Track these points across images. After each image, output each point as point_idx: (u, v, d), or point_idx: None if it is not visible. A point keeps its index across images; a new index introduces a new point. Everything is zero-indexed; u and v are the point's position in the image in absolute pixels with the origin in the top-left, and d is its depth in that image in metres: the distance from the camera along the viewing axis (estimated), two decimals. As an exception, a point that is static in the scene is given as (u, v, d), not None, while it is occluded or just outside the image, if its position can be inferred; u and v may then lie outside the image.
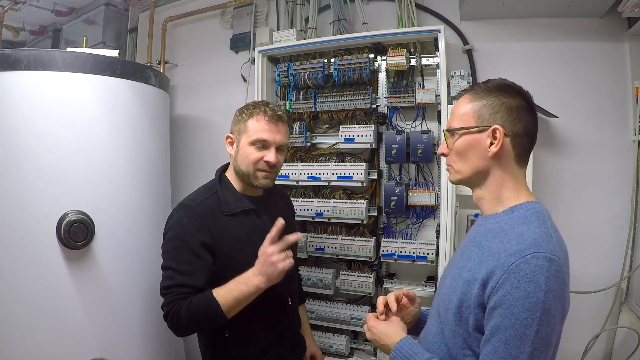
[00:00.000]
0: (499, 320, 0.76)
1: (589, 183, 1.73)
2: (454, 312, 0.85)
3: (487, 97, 0.91)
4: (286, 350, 1.38)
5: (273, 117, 1.28)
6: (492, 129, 0.88)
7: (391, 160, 1.77)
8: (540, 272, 0.75)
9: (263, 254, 1.18)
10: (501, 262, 0.79)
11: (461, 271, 0.89)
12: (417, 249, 1.72)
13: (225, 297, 1.16)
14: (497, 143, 0.87)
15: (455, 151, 0.93)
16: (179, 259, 1.20)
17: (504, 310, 0.75)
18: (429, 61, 1.77)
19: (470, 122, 0.90)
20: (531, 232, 0.81)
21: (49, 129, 1.48)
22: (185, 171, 2.39)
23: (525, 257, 0.76)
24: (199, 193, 1.32)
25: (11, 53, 1.46)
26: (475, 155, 0.90)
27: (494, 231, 0.88)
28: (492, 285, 0.78)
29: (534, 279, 0.74)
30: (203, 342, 1.35)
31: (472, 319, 0.82)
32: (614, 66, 1.69)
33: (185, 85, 2.48)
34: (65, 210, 1.47)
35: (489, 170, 0.91)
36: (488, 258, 0.83)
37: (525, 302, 0.74)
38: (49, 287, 1.47)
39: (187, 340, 2.03)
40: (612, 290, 1.65)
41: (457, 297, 0.85)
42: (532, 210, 0.87)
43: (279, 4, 2.22)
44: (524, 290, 0.74)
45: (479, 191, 0.94)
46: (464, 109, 0.92)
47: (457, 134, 0.92)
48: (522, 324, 0.74)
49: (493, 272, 0.79)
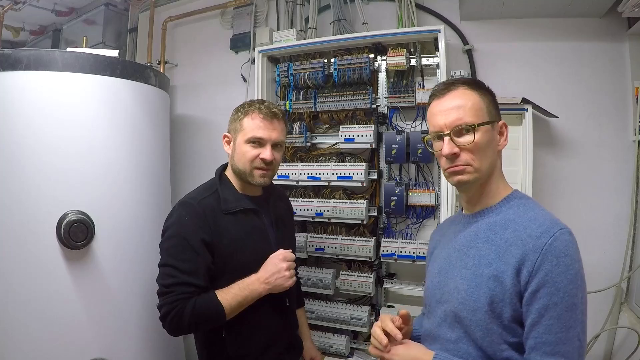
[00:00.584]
0: (546, 300, 0.78)
1: (589, 183, 1.73)
2: (486, 311, 0.84)
3: (491, 93, 0.94)
4: (282, 351, 1.38)
5: (268, 115, 1.29)
6: (502, 123, 0.93)
7: (391, 160, 1.77)
8: (570, 245, 0.81)
9: (275, 265, 1.24)
10: (530, 247, 0.82)
11: (476, 269, 0.88)
12: (417, 249, 1.72)
13: (230, 302, 1.19)
14: (506, 137, 0.93)
15: (478, 147, 0.89)
16: (179, 256, 1.20)
17: (549, 289, 0.78)
18: (429, 61, 1.76)
19: (485, 117, 0.91)
20: (542, 215, 0.87)
21: (49, 129, 1.48)
22: (185, 171, 2.40)
23: (555, 235, 0.81)
24: (199, 191, 1.33)
25: (11, 53, 1.46)
26: (491, 150, 0.92)
27: (500, 223, 0.90)
28: (529, 270, 0.80)
29: (568, 253, 0.80)
30: (200, 341, 1.35)
31: (509, 310, 0.83)
32: (614, 66, 1.69)
33: (185, 85, 2.48)
34: (65, 210, 1.47)
35: (495, 164, 0.94)
36: (510, 248, 0.85)
37: (568, 275, 0.79)
38: (49, 287, 1.46)
39: (186, 340, 2.02)
40: (612, 290, 1.65)
41: (485, 295, 0.85)
42: (524, 197, 0.94)
43: (279, 4, 2.22)
44: (564, 265, 0.79)
45: (485, 187, 0.94)
46: (477, 102, 0.90)
47: (479, 129, 0.89)
48: (570, 294, 0.78)
49: (524, 258, 0.82)
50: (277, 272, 1.24)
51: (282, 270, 1.24)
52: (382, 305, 1.87)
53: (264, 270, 1.25)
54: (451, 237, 1.02)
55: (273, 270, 1.24)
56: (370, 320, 1.81)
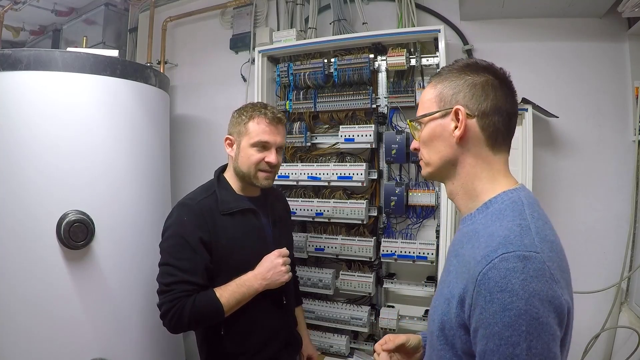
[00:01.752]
0: (483, 345, 0.64)
1: (589, 183, 1.72)
2: (437, 335, 0.76)
3: (449, 78, 0.81)
4: (280, 349, 1.40)
5: (274, 120, 1.33)
6: (454, 110, 0.77)
7: (391, 160, 1.77)
8: (512, 275, 0.62)
9: (271, 262, 1.29)
10: (471, 274, 0.67)
11: (442, 287, 0.81)
12: (417, 249, 1.72)
13: (228, 299, 1.23)
14: (460, 125, 0.77)
15: (422, 142, 0.84)
16: (178, 255, 1.23)
17: (484, 332, 0.63)
18: (429, 61, 1.76)
19: (433, 108, 0.82)
20: (502, 229, 0.68)
21: (49, 129, 1.48)
22: (185, 171, 2.40)
23: (492, 262, 0.64)
24: (197, 192, 1.36)
25: (11, 53, 1.46)
26: (442, 143, 0.80)
27: (469, 235, 0.76)
28: (469, 302, 0.67)
29: (507, 287, 0.61)
30: (200, 338, 1.38)
31: (459, 342, 0.71)
32: (614, 66, 1.69)
33: (185, 85, 2.48)
34: (65, 210, 1.47)
35: (457, 158, 0.80)
36: (462, 269, 0.72)
37: (504, 317, 0.61)
38: (49, 287, 1.46)
39: (187, 339, 2.03)
40: (612, 290, 1.65)
41: (439, 318, 0.76)
42: (508, 201, 0.74)
43: (279, 4, 2.22)
44: (499, 303, 0.62)
45: (450, 185, 0.83)
46: (427, 95, 0.84)
47: (421, 123, 0.84)
48: (507, 343, 0.61)
49: (467, 286, 0.68)
50: (273, 268, 1.29)
51: (278, 266, 1.29)
52: (382, 305, 1.87)
53: (261, 267, 1.29)
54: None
55: (269, 267, 1.28)
56: (370, 320, 1.82)
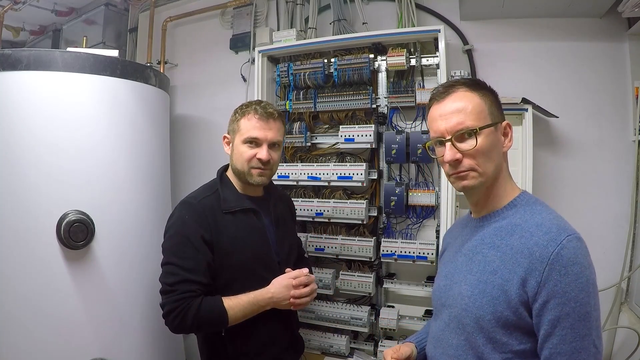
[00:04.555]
0: (557, 311, 0.76)
1: (589, 183, 1.72)
2: (489, 319, 0.83)
3: (485, 92, 0.90)
4: (282, 351, 1.39)
5: (264, 115, 1.31)
6: (506, 123, 0.89)
7: (391, 160, 1.77)
8: (579, 251, 0.79)
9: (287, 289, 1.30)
10: (537, 256, 0.79)
11: (481, 276, 0.87)
12: (417, 249, 1.72)
13: (236, 312, 1.23)
14: (510, 137, 0.89)
15: (483, 151, 0.86)
16: (181, 254, 1.22)
17: (560, 299, 0.76)
18: (429, 61, 1.76)
19: (487, 119, 0.88)
20: (549, 219, 0.83)
21: (49, 129, 1.48)
22: (185, 171, 2.40)
23: (562, 244, 0.78)
24: (199, 191, 1.36)
25: (11, 53, 1.46)
26: (496, 152, 0.89)
27: (506, 229, 0.87)
28: (537, 280, 0.78)
29: (577, 260, 0.77)
30: (201, 339, 1.38)
31: (513, 319, 0.81)
32: (614, 66, 1.69)
33: (185, 85, 2.48)
34: (65, 210, 1.47)
35: (501, 166, 0.91)
36: (515, 256, 0.82)
37: (578, 284, 0.76)
38: (49, 287, 1.46)
39: (187, 339, 2.03)
40: (612, 290, 1.65)
41: (489, 303, 0.83)
42: (529, 199, 0.90)
43: (279, 4, 2.22)
44: (573, 274, 0.76)
45: (491, 190, 0.91)
46: (477, 104, 0.87)
47: (481, 132, 0.86)
48: (581, 304, 0.76)
49: (531, 268, 0.79)
50: (285, 299, 1.30)
51: (289, 297, 1.30)
52: (382, 305, 1.87)
53: (278, 292, 1.29)
54: (459, 241, 1.01)
55: (283, 297, 1.30)
56: (370, 320, 1.82)
